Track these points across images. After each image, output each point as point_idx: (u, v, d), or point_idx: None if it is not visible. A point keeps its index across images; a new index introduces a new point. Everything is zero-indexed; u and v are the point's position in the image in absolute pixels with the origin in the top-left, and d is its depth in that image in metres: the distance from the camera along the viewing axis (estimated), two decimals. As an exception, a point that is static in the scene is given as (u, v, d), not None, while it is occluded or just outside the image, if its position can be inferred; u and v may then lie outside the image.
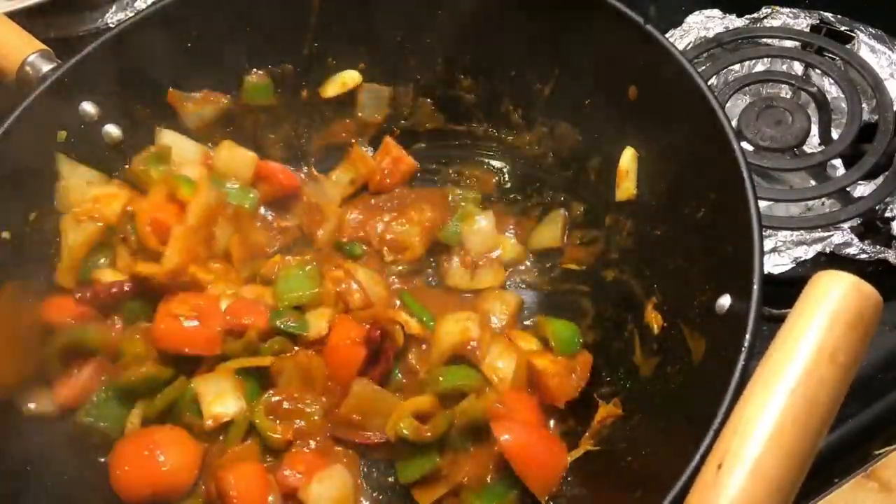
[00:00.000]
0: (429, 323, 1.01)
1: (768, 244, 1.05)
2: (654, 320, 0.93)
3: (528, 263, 1.10)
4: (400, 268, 1.09)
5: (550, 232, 1.09)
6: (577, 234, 1.08)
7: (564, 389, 0.93)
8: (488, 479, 0.92)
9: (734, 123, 1.15)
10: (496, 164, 1.17)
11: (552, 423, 0.96)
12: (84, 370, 0.97)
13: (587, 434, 0.92)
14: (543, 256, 1.10)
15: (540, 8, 1.02)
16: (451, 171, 1.17)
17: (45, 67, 1.00)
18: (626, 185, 0.98)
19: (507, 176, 1.16)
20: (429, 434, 0.90)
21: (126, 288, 0.98)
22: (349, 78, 1.15)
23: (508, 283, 1.09)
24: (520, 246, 1.10)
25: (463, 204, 1.11)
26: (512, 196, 1.15)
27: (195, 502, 0.93)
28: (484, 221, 1.08)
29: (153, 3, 1.04)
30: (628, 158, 0.98)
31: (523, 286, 1.09)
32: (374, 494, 0.95)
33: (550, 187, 1.12)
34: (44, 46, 1.03)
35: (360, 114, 1.16)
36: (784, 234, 1.06)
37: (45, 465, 0.91)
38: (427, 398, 0.93)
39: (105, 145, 1.06)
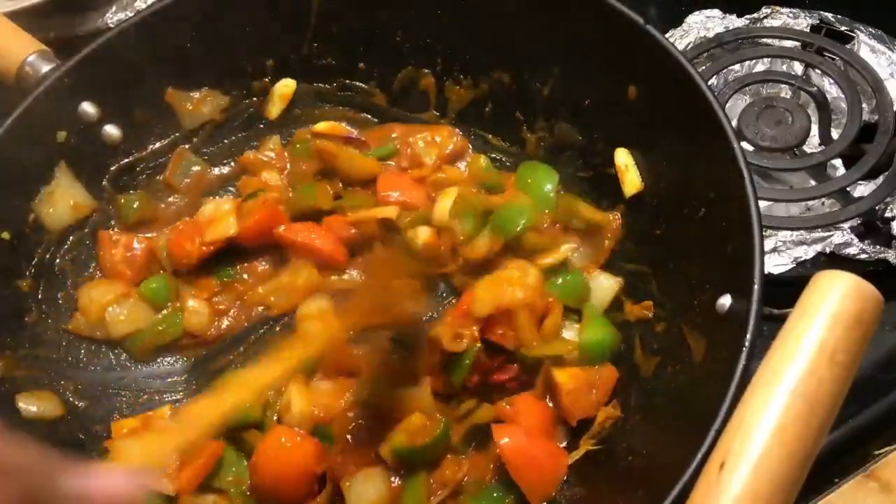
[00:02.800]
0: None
1: (768, 244, 1.05)
2: (655, 320, 0.93)
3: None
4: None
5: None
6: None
7: (579, 407, 0.90)
8: (487, 483, 0.92)
9: (734, 123, 1.15)
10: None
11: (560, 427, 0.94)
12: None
13: (587, 434, 0.92)
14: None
15: (539, 8, 1.02)
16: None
17: (45, 68, 1.00)
18: (631, 179, 0.98)
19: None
20: (419, 441, 0.89)
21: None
22: (284, 87, 1.14)
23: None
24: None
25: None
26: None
27: None
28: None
29: (153, 3, 1.04)
30: (623, 155, 0.99)
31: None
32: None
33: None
34: (43, 47, 1.03)
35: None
36: (784, 234, 1.06)
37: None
38: (418, 417, 0.91)
39: (105, 146, 1.06)
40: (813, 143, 1.18)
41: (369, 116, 1.16)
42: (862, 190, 1.11)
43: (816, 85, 1.20)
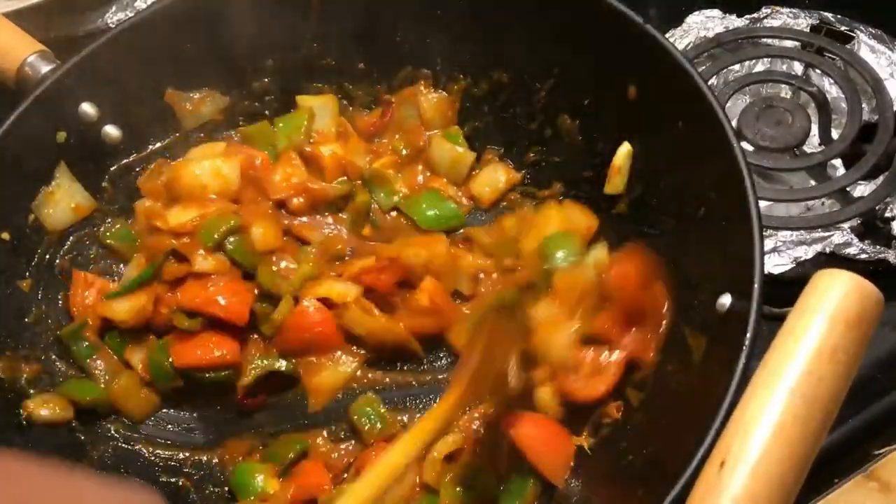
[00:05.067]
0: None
1: (768, 244, 1.05)
2: (655, 320, 0.93)
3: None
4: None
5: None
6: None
7: (589, 391, 0.90)
8: (506, 476, 0.92)
9: (734, 123, 1.15)
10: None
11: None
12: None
13: (585, 431, 0.92)
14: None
15: (539, 7, 1.02)
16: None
17: (45, 68, 1.00)
18: (616, 181, 0.99)
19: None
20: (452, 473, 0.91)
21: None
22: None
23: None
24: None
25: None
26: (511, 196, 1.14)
27: None
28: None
29: (153, 3, 1.05)
30: (623, 155, 0.99)
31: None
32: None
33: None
34: (43, 47, 1.03)
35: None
36: (784, 234, 1.06)
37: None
38: (455, 437, 0.92)
39: (105, 146, 1.06)
40: (813, 143, 1.18)
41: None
42: (862, 190, 1.11)
43: (816, 85, 1.20)
